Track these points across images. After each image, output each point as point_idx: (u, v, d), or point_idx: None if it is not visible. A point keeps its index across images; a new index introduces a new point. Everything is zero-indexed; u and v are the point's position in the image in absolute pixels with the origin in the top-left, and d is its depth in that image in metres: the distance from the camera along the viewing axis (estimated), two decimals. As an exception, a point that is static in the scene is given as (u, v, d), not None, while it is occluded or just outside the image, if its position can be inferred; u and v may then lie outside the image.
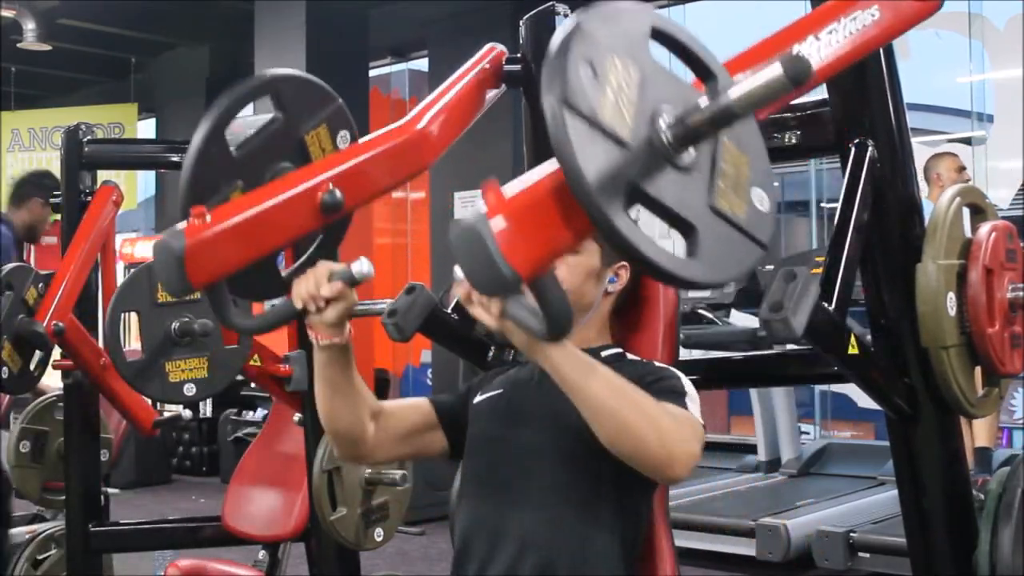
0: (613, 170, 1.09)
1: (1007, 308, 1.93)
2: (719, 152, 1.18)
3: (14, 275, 3.21)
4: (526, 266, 1.13)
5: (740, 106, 1.11)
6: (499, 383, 1.82)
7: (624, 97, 1.13)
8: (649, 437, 1.41)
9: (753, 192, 1.21)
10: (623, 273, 1.82)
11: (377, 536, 2.77)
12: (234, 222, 1.45)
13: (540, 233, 1.15)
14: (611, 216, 1.07)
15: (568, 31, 1.12)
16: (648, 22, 1.21)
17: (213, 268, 1.44)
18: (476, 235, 1.11)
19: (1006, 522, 1.90)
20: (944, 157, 5.24)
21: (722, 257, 1.16)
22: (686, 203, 1.14)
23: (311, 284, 1.50)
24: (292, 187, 1.54)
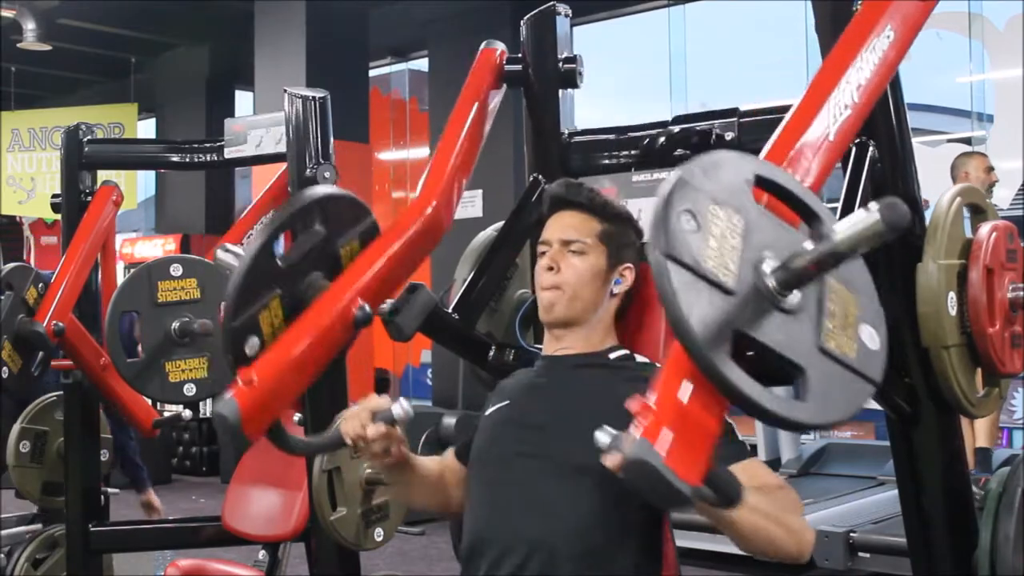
0: (718, 318, 1.12)
1: (1007, 308, 1.93)
2: (826, 293, 1.21)
3: (14, 275, 3.21)
4: (697, 475, 1.17)
5: (843, 250, 1.15)
6: (508, 392, 1.82)
7: (728, 245, 1.17)
8: (788, 545, 1.50)
9: (862, 330, 1.23)
10: (628, 274, 1.82)
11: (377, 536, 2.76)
12: (280, 375, 1.58)
13: (697, 437, 1.17)
14: (717, 363, 1.10)
15: (671, 183, 1.16)
16: (751, 170, 1.24)
17: (267, 419, 1.59)
18: (650, 468, 1.13)
19: (1006, 522, 1.89)
20: (973, 156, 5.21)
21: (831, 397, 1.18)
22: (794, 346, 1.17)
23: (357, 426, 1.61)
24: (326, 319, 1.67)
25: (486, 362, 2.10)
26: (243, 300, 1.65)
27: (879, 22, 1.66)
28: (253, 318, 1.66)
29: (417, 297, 1.88)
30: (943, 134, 7.37)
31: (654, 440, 1.14)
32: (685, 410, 1.17)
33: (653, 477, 1.13)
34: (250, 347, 1.65)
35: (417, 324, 1.88)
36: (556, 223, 1.81)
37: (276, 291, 1.70)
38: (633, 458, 1.13)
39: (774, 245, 1.20)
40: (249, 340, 1.65)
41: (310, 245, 1.77)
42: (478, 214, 7.26)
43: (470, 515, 1.75)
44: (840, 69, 1.60)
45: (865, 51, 1.62)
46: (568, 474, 1.64)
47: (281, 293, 1.71)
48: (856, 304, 1.24)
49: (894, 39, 1.66)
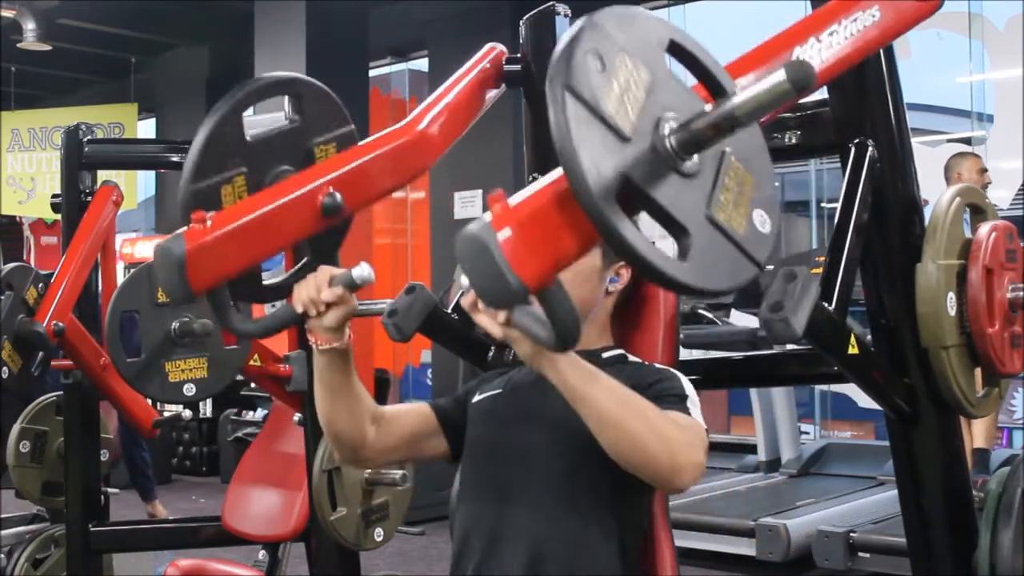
0: (610, 161, 1.09)
1: (1007, 308, 1.93)
2: (724, 167, 1.19)
3: (14, 275, 3.21)
4: (533, 277, 1.13)
5: (744, 111, 1.11)
6: (498, 383, 1.82)
7: (631, 95, 1.14)
8: (654, 447, 1.40)
9: (755, 212, 1.21)
10: (624, 273, 1.82)
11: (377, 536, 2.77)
12: (234, 226, 1.46)
13: (547, 243, 1.14)
14: (601, 206, 1.07)
15: (581, 24, 1.13)
16: (667, 34, 1.21)
17: (214, 272, 1.45)
18: (482, 246, 1.10)
19: (1006, 522, 1.90)
20: (967, 157, 5.22)
21: (714, 266, 1.15)
22: (682, 207, 1.14)
23: (311, 288, 1.49)
24: (293, 190, 1.54)
25: (486, 362, 2.10)
26: (206, 162, 1.55)
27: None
28: (214, 188, 1.56)
29: (417, 297, 1.88)
30: (943, 134, 7.37)
31: (497, 226, 1.11)
32: (543, 216, 1.14)
33: (484, 258, 1.10)
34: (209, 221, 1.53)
35: (417, 324, 1.88)
36: None
37: (242, 168, 1.59)
38: (470, 234, 1.10)
39: (678, 107, 1.17)
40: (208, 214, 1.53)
41: (281, 132, 1.67)
42: (478, 214, 7.24)
43: (462, 507, 1.75)
44: (814, 26, 1.58)
45: (845, 19, 1.61)
46: (554, 470, 1.65)
47: (247, 172, 1.60)
48: (753, 186, 1.22)
49: (880, 20, 1.65)
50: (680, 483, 1.44)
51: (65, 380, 3.46)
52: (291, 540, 3.22)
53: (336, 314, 1.50)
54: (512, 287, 1.11)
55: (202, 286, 1.44)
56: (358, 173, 1.63)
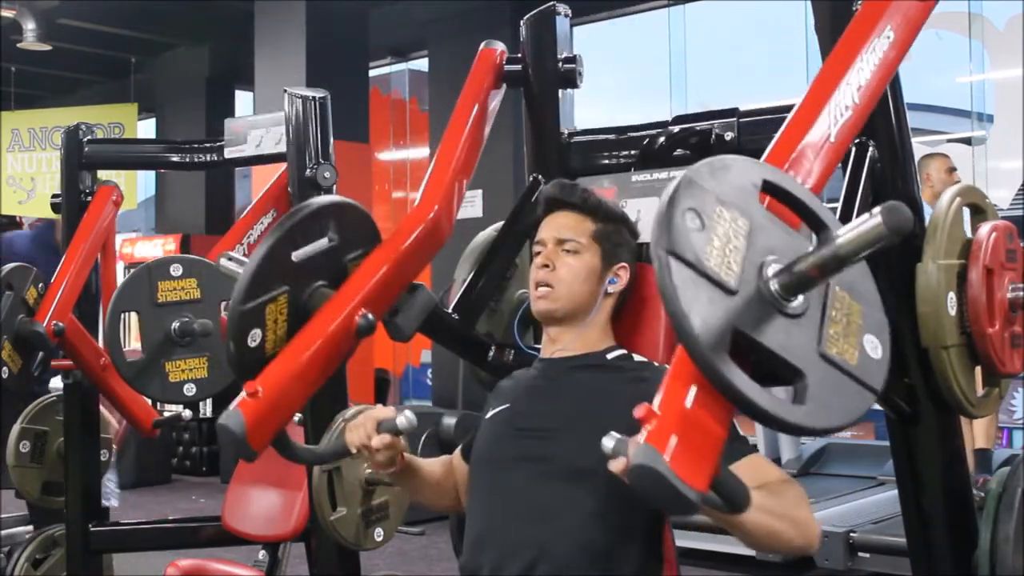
0: (719, 316, 1.12)
1: (1007, 308, 1.93)
2: (830, 300, 1.21)
3: (14, 275, 3.21)
4: (704, 480, 1.16)
5: (846, 253, 1.15)
6: (506, 395, 1.82)
7: (731, 247, 1.17)
8: (795, 539, 1.48)
9: (866, 339, 1.23)
10: (623, 273, 1.82)
11: (377, 536, 2.76)
12: (284, 387, 1.60)
13: (703, 440, 1.17)
14: (716, 362, 1.10)
15: (677, 182, 1.16)
16: (759, 174, 1.24)
17: (273, 430, 1.61)
18: (656, 474, 1.12)
19: (1006, 522, 1.89)
20: (935, 158, 5.24)
21: (830, 402, 1.18)
22: (795, 350, 1.17)
23: (362, 435, 1.65)
24: (325, 329, 1.68)
25: (486, 362, 2.10)
26: (256, 286, 1.66)
27: (879, 22, 1.66)
28: (260, 308, 1.67)
29: (417, 297, 1.88)
30: (943, 134, 7.37)
31: (660, 446, 1.14)
32: (690, 415, 1.17)
33: (659, 483, 1.13)
34: (252, 338, 1.65)
35: (417, 324, 1.89)
36: (551, 223, 1.82)
37: (285, 288, 1.71)
38: (639, 464, 1.13)
39: (779, 249, 1.21)
40: (252, 331, 1.66)
41: (321, 251, 1.79)
42: (478, 214, 7.25)
43: (471, 519, 1.75)
44: (840, 70, 1.60)
45: (865, 52, 1.62)
46: (569, 477, 1.64)
47: (290, 291, 1.71)
48: (860, 313, 1.24)
49: (894, 39, 1.67)
50: (814, 551, 1.61)
51: (65, 380, 3.46)
52: (291, 540, 3.22)
53: (385, 456, 1.67)
54: (692, 501, 1.14)
55: (264, 443, 1.59)
56: (384, 283, 1.78)
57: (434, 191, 1.95)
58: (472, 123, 2.07)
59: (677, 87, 8.22)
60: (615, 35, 8.45)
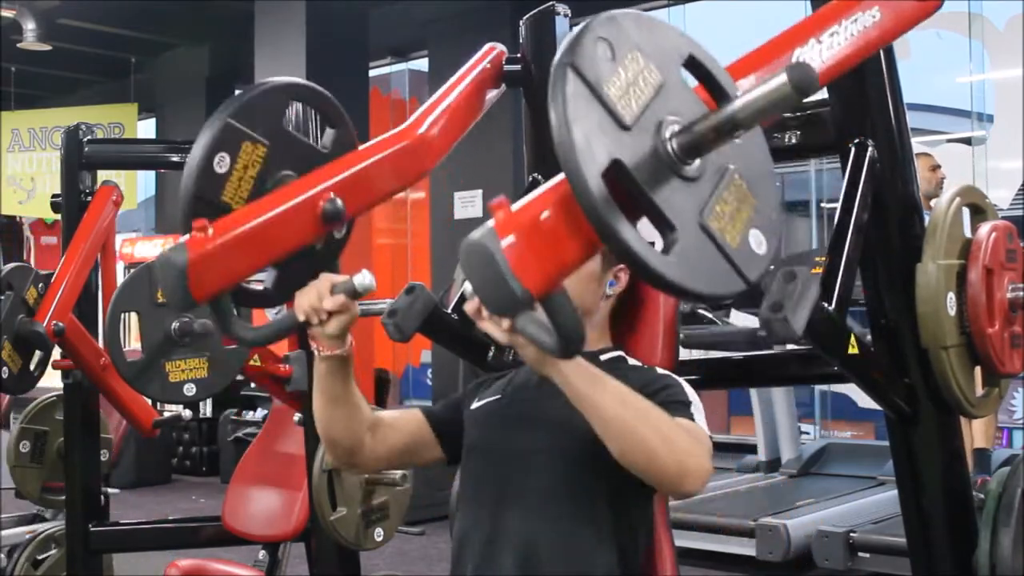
0: (604, 141, 1.08)
1: (1007, 308, 1.93)
2: (725, 181, 1.19)
3: (14, 275, 3.21)
4: (537, 283, 1.12)
5: (745, 115, 1.11)
6: (498, 387, 1.82)
7: (637, 89, 1.13)
8: (661, 450, 1.40)
9: (752, 232, 1.20)
10: (622, 276, 1.82)
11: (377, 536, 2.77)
12: (236, 234, 1.46)
13: (550, 249, 1.13)
14: (588, 182, 1.05)
15: (600, 17, 1.12)
16: (687, 47, 1.21)
17: (216, 281, 1.45)
18: (486, 253, 1.10)
19: (1006, 522, 1.90)
20: (918, 157, 5.24)
21: (699, 269, 1.14)
22: (674, 206, 1.13)
23: (313, 297, 1.49)
24: (293, 197, 1.54)
25: (486, 362, 2.10)
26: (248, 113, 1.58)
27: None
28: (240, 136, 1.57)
29: (417, 297, 1.88)
30: (943, 134, 7.37)
31: (501, 232, 1.10)
32: (544, 222, 1.13)
33: (488, 265, 1.09)
34: (220, 162, 1.55)
35: (417, 324, 1.88)
36: None
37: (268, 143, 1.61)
38: (474, 240, 1.09)
39: (684, 115, 1.16)
40: (222, 154, 1.55)
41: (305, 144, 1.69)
42: (478, 214, 7.26)
43: (460, 510, 1.76)
44: (814, 28, 1.58)
45: (846, 20, 1.61)
46: (555, 472, 1.64)
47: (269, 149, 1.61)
48: (753, 207, 1.21)
49: (880, 21, 1.65)
50: (685, 488, 1.44)
51: (65, 380, 3.46)
52: (291, 540, 3.22)
53: (338, 322, 1.50)
54: (517, 295, 1.10)
55: (204, 294, 1.44)
56: (358, 178, 1.63)
57: (430, 111, 1.87)
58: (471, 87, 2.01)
59: (677, 87, 8.20)
60: (615, 35, 8.44)
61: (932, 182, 4.98)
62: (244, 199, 1.58)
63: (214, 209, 1.54)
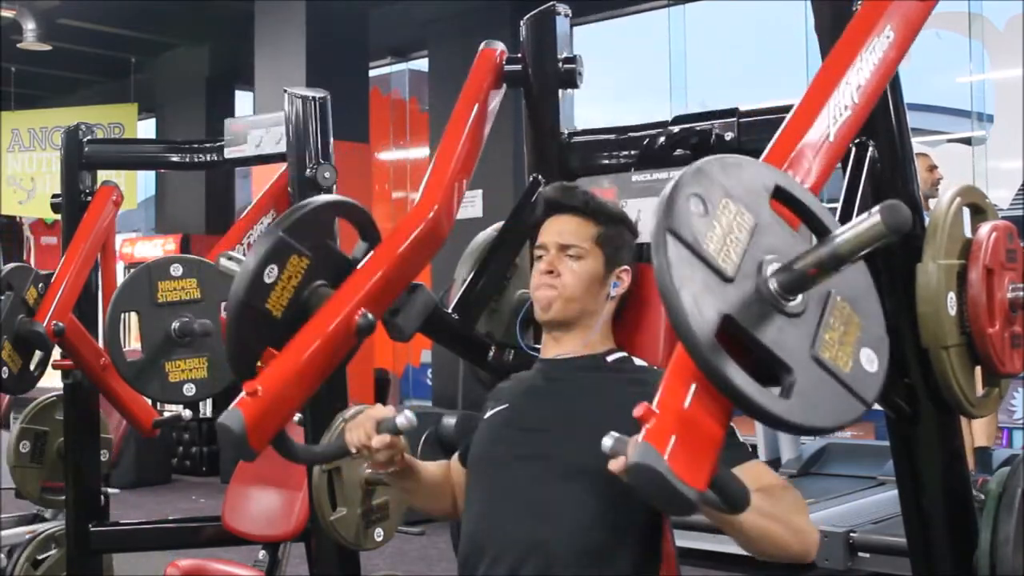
0: (711, 300, 1.12)
1: (1007, 308, 1.93)
2: (829, 307, 1.22)
3: (14, 275, 3.21)
4: (704, 480, 1.16)
5: (844, 251, 1.14)
6: (506, 396, 1.82)
7: (733, 238, 1.17)
8: (793, 546, 1.49)
9: (862, 352, 1.23)
10: (625, 277, 1.82)
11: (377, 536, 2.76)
12: (282, 390, 1.60)
13: (701, 440, 1.17)
14: (702, 345, 1.09)
15: (687, 170, 1.16)
16: (772, 179, 1.24)
17: (272, 430, 1.60)
18: (655, 474, 1.12)
19: (1006, 522, 1.89)
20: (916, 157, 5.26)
21: (817, 403, 1.17)
22: (786, 346, 1.17)
23: (362, 435, 1.63)
24: (327, 328, 1.68)
25: (486, 362, 2.10)
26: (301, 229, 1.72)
27: (879, 22, 1.66)
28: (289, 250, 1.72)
29: (417, 297, 1.88)
30: (943, 134, 7.37)
31: (659, 445, 1.13)
32: (688, 413, 1.16)
33: (658, 482, 1.12)
34: (269, 273, 1.68)
35: (417, 324, 1.88)
36: (552, 227, 1.81)
37: (310, 255, 1.74)
38: (638, 462, 1.13)
39: (782, 251, 1.20)
40: (272, 266, 1.69)
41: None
42: (478, 214, 7.26)
43: (467, 518, 1.75)
44: (840, 70, 1.60)
45: (865, 51, 1.62)
46: (566, 476, 1.64)
47: (311, 262, 1.74)
48: (859, 326, 1.24)
49: (894, 39, 1.67)
50: (810, 559, 1.55)
51: (65, 380, 3.46)
52: (291, 540, 3.22)
53: (385, 455, 1.65)
54: (691, 500, 1.14)
55: (264, 443, 1.58)
56: (385, 283, 1.78)
57: (434, 190, 1.95)
58: (472, 122, 2.07)
59: (677, 87, 8.22)
60: (615, 35, 8.45)
61: (929, 182, 4.99)
62: (283, 306, 1.72)
63: (256, 314, 1.68)
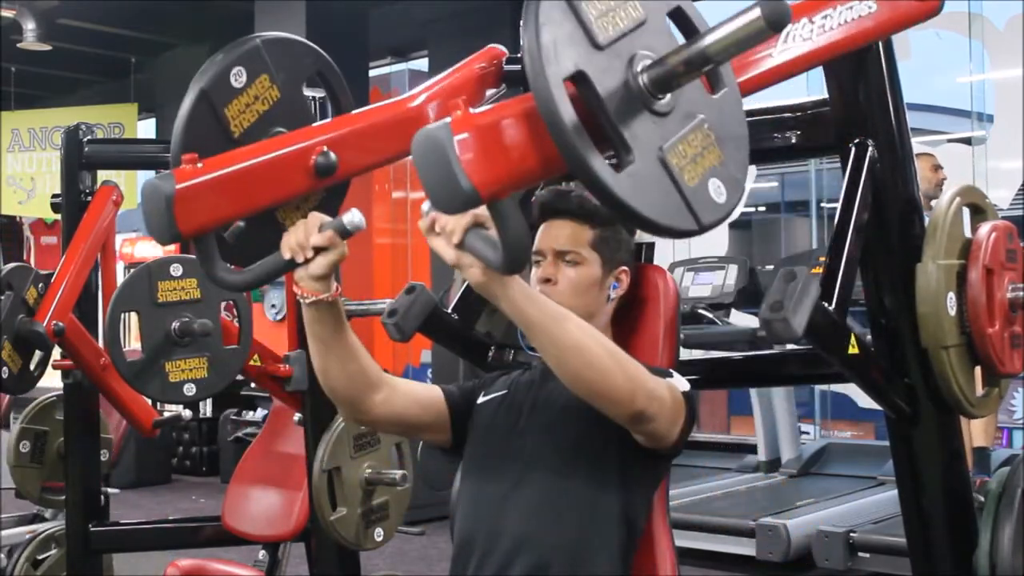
0: (572, 52, 1.08)
1: (1007, 308, 1.93)
2: (693, 125, 1.19)
3: (14, 275, 3.21)
4: (487, 183, 1.11)
5: (716, 48, 1.11)
6: (502, 384, 1.82)
7: (616, 17, 1.13)
8: (614, 370, 1.43)
9: (712, 179, 1.19)
10: (624, 278, 1.82)
11: (377, 536, 2.77)
12: (226, 171, 1.43)
13: (504, 152, 1.13)
14: (547, 81, 1.05)
15: None
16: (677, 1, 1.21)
17: (203, 216, 1.41)
18: (438, 144, 1.09)
19: (1006, 522, 1.90)
20: (919, 157, 5.24)
21: (647, 193, 1.12)
22: (635, 132, 1.12)
23: (300, 233, 1.43)
24: (287, 145, 1.53)
25: (486, 362, 2.10)
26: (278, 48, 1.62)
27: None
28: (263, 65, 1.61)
29: (417, 297, 1.88)
30: (943, 134, 7.37)
31: (456, 129, 1.10)
32: (503, 127, 1.13)
33: (438, 157, 1.08)
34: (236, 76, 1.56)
35: (417, 324, 1.88)
36: (548, 233, 1.79)
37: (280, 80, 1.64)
38: (427, 131, 1.09)
39: (661, 52, 1.16)
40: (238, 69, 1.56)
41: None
42: (478, 214, 7.25)
43: (460, 513, 1.75)
44: (807, 10, 1.61)
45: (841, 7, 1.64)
46: (558, 473, 1.65)
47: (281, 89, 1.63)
48: (718, 159, 1.21)
49: (875, 12, 1.67)
50: (638, 405, 1.47)
51: (65, 380, 3.46)
52: (291, 540, 3.22)
53: (325, 260, 1.44)
54: (463, 188, 1.09)
55: (189, 229, 1.39)
56: (352, 136, 1.60)
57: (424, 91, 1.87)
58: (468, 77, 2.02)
59: (677, 87, 8.20)
60: (615, 35, 8.44)
61: (933, 182, 4.98)
62: (243, 128, 1.56)
63: (213, 116, 1.52)
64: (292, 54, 1.68)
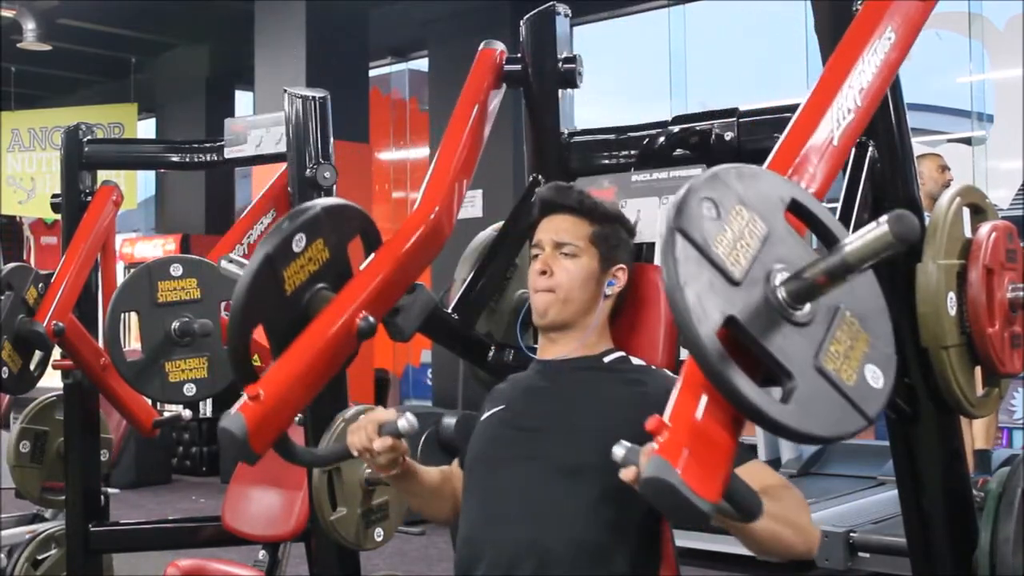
0: (716, 300, 1.12)
1: (1007, 308, 1.93)
2: (837, 321, 1.22)
3: (14, 275, 3.21)
4: (717, 492, 1.16)
5: (852, 261, 1.14)
6: (502, 397, 1.82)
7: (744, 243, 1.17)
8: (797, 545, 1.51)
9: (867, 367, 1.24)
10: (621, 275, 1.82)
11: (377, 536, 2.76)
12: (284, 393, 1.60)
13: (713, 452, 1.17)
14: (703, 340, 1.09)
15: (703, 176, 1.17)
16: (788, 192, 1.25)
17: (275, 432, 1.61)
18: (668, 487, 1.12)
19: (1006, 522, 1.89)
20: (927, 157, 5.26)
21: (817, 411, 1.17)
22: (789, 353, 1.17)
23: (363, 438, 1.63)
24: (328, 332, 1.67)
25: (486, 362, 2.10)
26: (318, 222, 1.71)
27: (880, 23, 1.66)
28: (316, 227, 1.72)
29: (417, 297, 1.88)
30: (943, 134, 7.37)
31: (672, 458, 1.13)
32: (700, 426, 1.16)
33: (673, 496, 1.12)
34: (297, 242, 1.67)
35: (417, 324, 1.88)
36: (547, 226, 1.81)
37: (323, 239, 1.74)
38: (652, 477, 1.13)
39: (793, 262, 1.20)
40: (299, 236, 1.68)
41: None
42: (478, 214, 7.26)
43: (465, 519, 1.75)
44: (843, 73, 1.60)
45: (867, 53, 1.62)
46: (563, 476, 1.64)
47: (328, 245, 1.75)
48: (867, 343, 1.25)
49: (895, 40, 1.67)
50: (813, 556, 1.62)
51: (65, 380, 3.46)
52: (291, 540, 3.22)
53: (386, 459, 1.65)
54: (705, 512, 1.14)
55: (266, 446, 1.60)
56: (385, 286, 1.77)
57: (434, 192, 1.95)
58: (472, 123, 2.07)
59: (677, 87, 8.22)
60: (615, 35, 8.45)
61: (940, 183, 4.97)
62: (295, 287, 1.70)
63: (272, 278, 1.66)
64: (345, 217, 1.82)
